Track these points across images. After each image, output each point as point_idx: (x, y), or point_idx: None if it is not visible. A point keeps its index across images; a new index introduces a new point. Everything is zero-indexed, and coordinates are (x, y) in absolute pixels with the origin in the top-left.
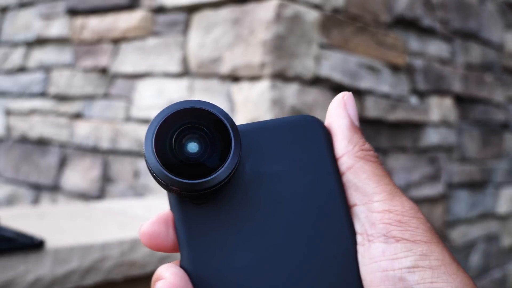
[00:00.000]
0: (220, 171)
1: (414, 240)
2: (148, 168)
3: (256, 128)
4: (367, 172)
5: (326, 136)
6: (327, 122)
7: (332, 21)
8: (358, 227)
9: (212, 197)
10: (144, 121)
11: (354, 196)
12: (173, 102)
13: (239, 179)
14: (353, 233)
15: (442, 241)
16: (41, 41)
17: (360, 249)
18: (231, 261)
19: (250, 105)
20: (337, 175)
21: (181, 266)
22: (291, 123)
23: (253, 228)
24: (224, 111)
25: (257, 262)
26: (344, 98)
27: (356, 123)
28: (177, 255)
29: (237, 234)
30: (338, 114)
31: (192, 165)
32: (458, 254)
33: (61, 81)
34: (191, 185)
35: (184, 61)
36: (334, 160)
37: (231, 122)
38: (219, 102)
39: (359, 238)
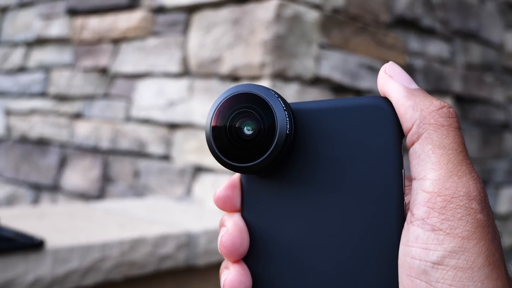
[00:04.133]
0: (264, 156)
1: (449, 233)
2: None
3: (323, 109)
4: (433, 143)
5: (394, 123)
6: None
7: (332, 21)
8: (411, 201)
9: (273, 171)
10: (144, 121)
11: (416, 169)
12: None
13: (303, 158)
14: (400, 230)
15: (490, 240)
16: (41, 41)
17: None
18: (281, 230)
19: None
20: (399, 167)
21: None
22: (360, 107)
23: (306, 205)
24: (275, 95)
25: (303, 237)
26: (386, 71)
27: (412, 86)
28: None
29: (290, 208)
30: (389, 89)
31: (245, 148)
32: None
33: (61, 81)
34: (241, 168)
35: (184, 61)
36: (398, 149)
37: (280, 106)
38: None
39: (407, 215)
